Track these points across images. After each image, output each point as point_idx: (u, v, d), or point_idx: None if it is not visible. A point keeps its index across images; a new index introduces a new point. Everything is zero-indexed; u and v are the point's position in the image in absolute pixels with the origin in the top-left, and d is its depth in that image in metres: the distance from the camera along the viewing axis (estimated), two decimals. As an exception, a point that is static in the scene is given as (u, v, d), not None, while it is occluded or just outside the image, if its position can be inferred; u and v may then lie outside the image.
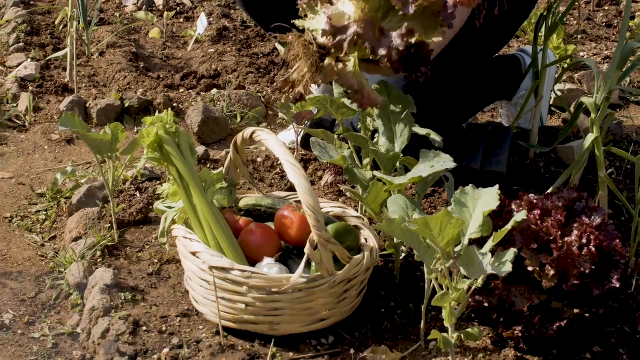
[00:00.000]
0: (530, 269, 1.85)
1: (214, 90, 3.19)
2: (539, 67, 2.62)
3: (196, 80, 3.31)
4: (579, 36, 3.80)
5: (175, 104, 3.11)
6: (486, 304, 1.89)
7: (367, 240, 2.06)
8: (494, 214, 1.91)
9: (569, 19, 4.00)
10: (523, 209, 1.92)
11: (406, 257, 2.19)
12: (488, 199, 1.80)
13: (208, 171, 2.12)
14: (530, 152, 2.71)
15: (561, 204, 1.94)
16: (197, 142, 2.87)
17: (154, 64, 3.55)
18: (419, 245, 1.74)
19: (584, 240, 1.86)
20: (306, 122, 2.54)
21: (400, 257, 2.15)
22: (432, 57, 1.82)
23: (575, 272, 1.83)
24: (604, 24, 3.97)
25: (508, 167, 2.57)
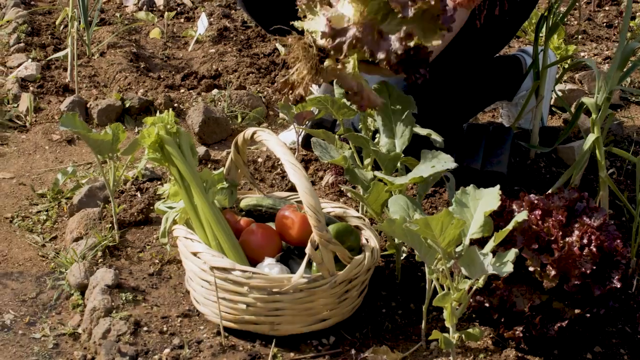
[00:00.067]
0: (531, 269, 1.85)
1: (214, 91, 3.19)
2: (539, 67, 2.62)
3: (197, 80, 3.31)
4: (580, 36, 3.80)
5: (175, 104, 3.11)
6: (487, 304, 1.89)
7: (368, 241, 2.05)
8: (494, 214, 1.91)
9: (570, 19, 4.00)
10: (524, 209, 1.92)
11: (407, 258, 2.19)
12: (489, 199, 1.80)
13: (209, 171, 2.12)
14: (530, 152, 2.71)
15: (562, 204, 1.94)
16: (197, 142, 2.87)
17: (155, 64, 3.55)
18: (420, 246, 1.74)
19: (585, 241, 1.86)
20: (307, 122, 2.53)
21: (401, 258, 2.15)
22: (431, 59, 1.82)
23: (576, 272, 1.83)
24: (605, 24, 3.97)
25: (509, 167, 2.57)
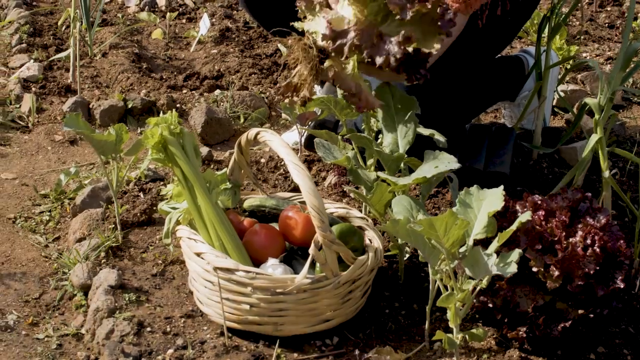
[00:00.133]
0: (534, 269, 1.85)
1: (217, 91, 3.19)
2: (542, 68, 2.62)
3: (199, 81, 3.31)
4: (582, 37, 3.80)
5: (178, 105, 3.11)
6: (490, 305, 1.89)
7: (371, 241, 2.05)
8: (498, 214, 1.90)
9: (572, 20, 4.00)
10: (527, 209, 1.92)
11: (410, 258, 2.19)
12: (493, 199, 1.79)
13: (212, 172, 2.12)
14: (533, 153, 2.71)
15: (565, 205, 1.94)
16: (200, 142, 2.87)
17: (157, 64, 3.55)
18: (423, 246, 1.74)
19: (589, 241, 1.86)
20: (310, 123, 2.53)
21: (404, 258, 2.15)
22: (432, 61, 1.82)
23: (580, 273, 1.83)
24: (607, 24, 3.97)
25: (511, 167, 2.57)
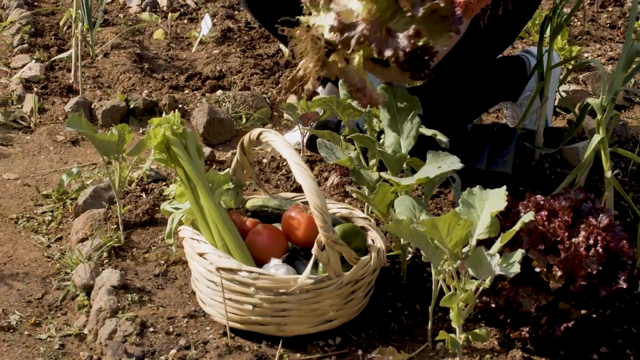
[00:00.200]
0: (537, 269, 1.85)
1: (218, 92, 3.20)
2: (544, 68, 2.62)
3: (201, 81, 3.31)
4: (583, 37, 3.81)
5: (180, 105, 3.11)
6: (493, 305, 1.89)
7: (374, 241, 2.05)
8: (500, 214, 1.90)
9: (573, 20, 4.00)
10: (530, 209, 1.92)
11: (412, 258, 2.19)
12: (495, 199, 1.79)
13: (215, 172, 2.12)
14: (535, 153, 2.71)
15: (568, 205, 1.94)
16: (202, 143, 2.87)
17: (159, 65, 3.55)
18: (426, 246, 1.74)
19: (591, 241, 1.86)
20: (312, 123, 2.53)
21: (407, 258, 2.15)
22: (437, 60, 1.83)
23: (583, 273, 1.83)
24: (608, 25, 3.98)
25: (513, 168, 2.57)
